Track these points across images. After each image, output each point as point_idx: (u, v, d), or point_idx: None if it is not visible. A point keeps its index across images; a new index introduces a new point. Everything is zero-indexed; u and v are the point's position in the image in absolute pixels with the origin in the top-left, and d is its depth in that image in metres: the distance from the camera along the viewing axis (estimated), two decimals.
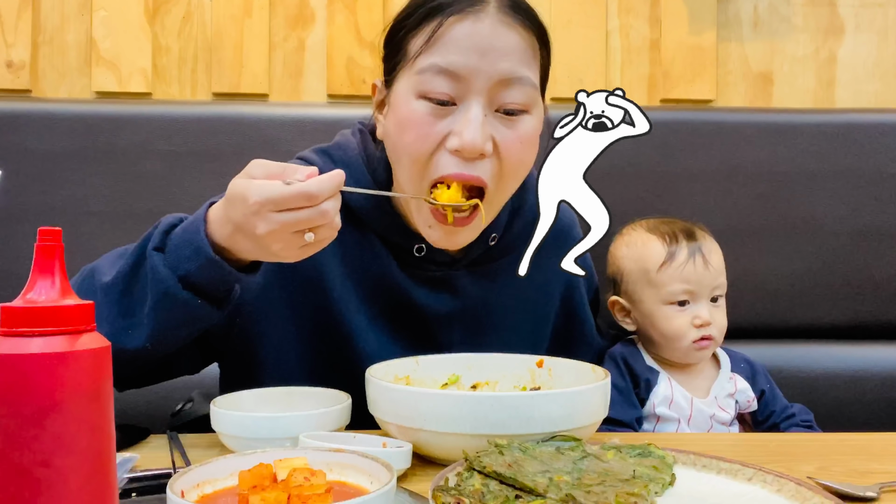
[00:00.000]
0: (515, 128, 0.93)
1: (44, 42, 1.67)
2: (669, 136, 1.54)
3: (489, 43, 0.90)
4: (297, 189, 0.77)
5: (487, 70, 0.90)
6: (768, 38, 1.78)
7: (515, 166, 0.95)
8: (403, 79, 0.95)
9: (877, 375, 1.51)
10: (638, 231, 1.25)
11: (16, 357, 0.47)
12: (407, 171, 0.95)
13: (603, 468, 0.73)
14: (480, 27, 0.90)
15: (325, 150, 1.07)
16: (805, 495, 0.67)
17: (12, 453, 0.47)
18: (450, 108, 0.92)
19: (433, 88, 0.91)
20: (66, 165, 1.45)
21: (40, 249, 0.51)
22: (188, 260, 0.84)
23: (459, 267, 1.06)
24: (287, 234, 0.79)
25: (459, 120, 0.91)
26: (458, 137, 0.90)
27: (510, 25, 0.91)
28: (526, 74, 0.92)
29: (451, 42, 0.90)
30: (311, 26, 1.71)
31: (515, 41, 0.92)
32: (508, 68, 0.91)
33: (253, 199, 0.78)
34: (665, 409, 1.17)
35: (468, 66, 0.90)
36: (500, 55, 0.90)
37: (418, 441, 0.81)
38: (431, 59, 0.91)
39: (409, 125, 0.93)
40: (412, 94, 0.93)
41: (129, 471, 0.76)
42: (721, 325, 1.19)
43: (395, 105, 0.96)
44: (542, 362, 1.00)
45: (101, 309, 0.88)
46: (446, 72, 0.90)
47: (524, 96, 0.92)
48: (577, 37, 1.74)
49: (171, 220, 0.90)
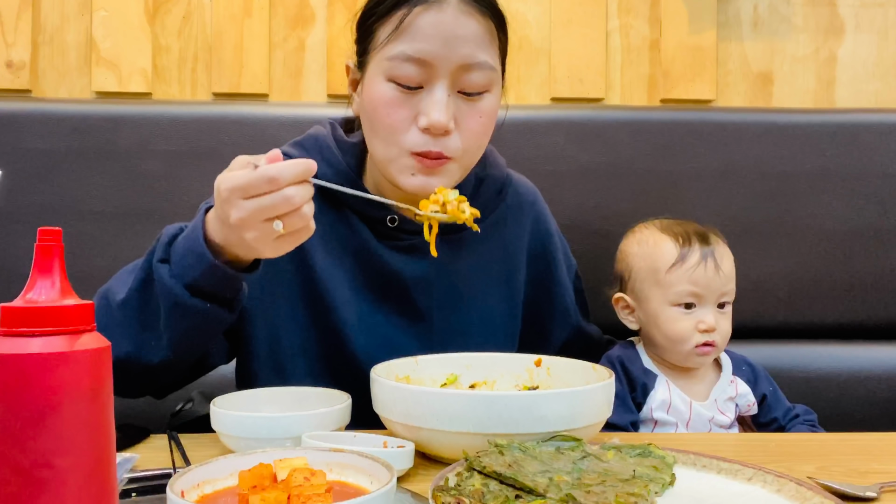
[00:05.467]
0: (476, 107, 1.03)
1: (44, 42, 1.67)
2: (669, 136, 1.54)
3: (451, 31, 0.98)
4: (258, 172, 0.80)
5: (450, 56, 0.98)
6: (768, 38, 1.78)
7: (477, 137, 1.05)
8: (374, 62, 1.02)
9: (877, 375, 1.51)
10: (650, 230, 1.25)
11: (16, 357, 0.47)
12: (383, 142, 1.03)
13: (603, 468, 0.73)
14: (443, 17, 0.98)
15: (299, 142, 1.14)
16: (805, 495, 0.67)
17: (12, 453, 0.47)
18: (417, 91, 1.00)
19: (402, 74, 0.99)
20: (66, 165, 1.45)
21: (40, 249, 0.51)
22: (192, 268, 0.88)
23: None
24: (257, 223, 0.81)
25: (427, 101, 1.00)
26: (427, 117, 0.99)
27: (469, 14, 0.99)
28: (484, 59, 1.01)
29: (417, 31, 0.98)
30: (311, 26, 1.71)
31: (475, 28, 1.00)
32: (469, 53, 0.99)
33: (223, 187, 0.82)
34: (663, 414, 1.16)
35: (433, 53, 0.98)
36: (462, 42, 0.99)
37: (424, 439, 0.81)
38: (400, 48, 0.99)
39: (381, 105, 1.01)
40: (382, 77, 1.01)
41: (129, 471, 0.76)
42: (725, 333, 1.19)
43: (368, 87, 1.03)
44: (539, 361, 1.00)
45: (120, 327, 0.92)
46: (413, 59, 0.98)
47: (483, 78, 1.01)
48: (577, 37, 1.74)
49: (173, 230, 0.94)
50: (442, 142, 1.00)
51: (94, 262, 1.42)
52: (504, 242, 1.19)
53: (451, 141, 1.01)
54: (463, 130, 1.02)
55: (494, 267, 1.17)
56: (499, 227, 1.18)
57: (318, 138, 1.13)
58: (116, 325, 0.92)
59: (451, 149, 1.01)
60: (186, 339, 0.93)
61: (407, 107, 1.01)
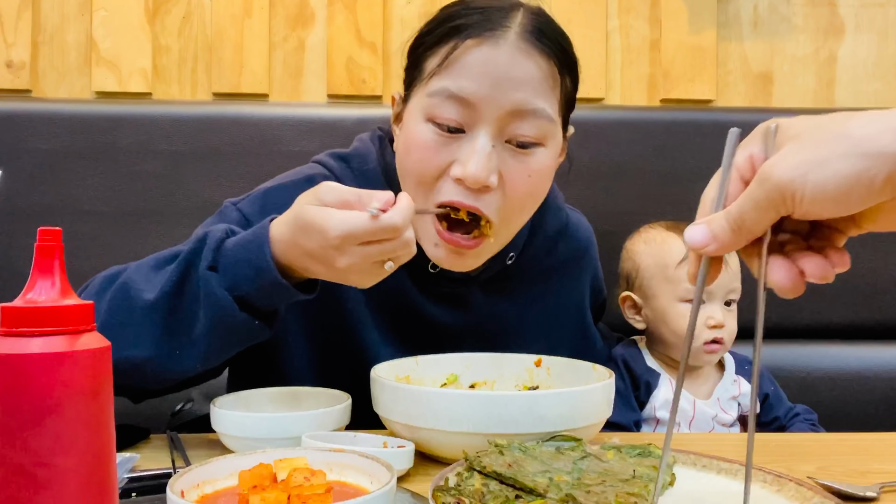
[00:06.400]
0: (526, 161, 0.90)
1: (44, 42, 1.67)
2: (669, 136, 1.54)
3: (504, 72, 0.87)
4: (384, 223, 0.73)
5: (499, 100, 0.87)
6: (768, 38, 1.78)
7: (523, 200, 0.93)
8: (416, 98, 0.93)
9: (877, 375, 1.51)
10: (657, 229, 1.25)
11: (16, 357, 0.47)
12: (411, 192, 0.90)
13: (603, 468, 0.73)
14: (497, 54, 0.87)
15: (344, 157, 1.05)
16: (805, 495, 0.67)
17: (12, 453, 0.47)
18: (458, 135, 0.89)
19: (441, 113, 0.88)
20: (66, 165, 1.45)
21: (40, 249, 0.51)
22: (248, 281, 0.80)
23: (473, 284, 1.05)
24: (368, 265, 0.76)
25: (465, 149, 0.88)
26: (462, 167, 0.87)
27: (529, 54, 0.88)
28: (540, 106, 0.89)
29: (464, 67, 0.87)
30: (311, 26, 1.71)
31: (533, 71, 0.88)
32: (522, 99, 0.87)
33: (334, 234, 0.74)
34: (665, 413, 1.17)
35: (479, 94, 0.87)
36: (515, 85, 0.87)
37: (424, 440, 0.81)
38: (443, 83, 0.88)
39: (414, 148, 0.91)
40: (421, 115, 0.90)
41: (129, 471, 0.76)
42: (732, 330, 1.19)
43: (406, 124, 0.94)
44: (539, 361, 1.00)
45: (142, 329, 0.83)
46: (456, 97, 0.87)
47: (537, 129, 0.89)
48: (577, 37, 1.72)
49: (219, 234, 0.85)
50: (479, 199, 0.88)
51: (94, 262, 1.41)
52: (554, 294, 1.11)
53: (490, 199, 0.89)
54: (507, 189, 0.89)
55: (542, 319, 1.10)
56: (549, 277, 1.10)
57: (365, 158, 1.03)
58: (137, 325, 0.83)
59: (488, 208, 0.89)
60: (221, 352, 0.86)
61: (443, 153, 0.89)
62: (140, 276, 0.87)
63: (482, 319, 1.06)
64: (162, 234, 1.44)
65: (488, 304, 1.05)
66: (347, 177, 1.03)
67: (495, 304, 1.06)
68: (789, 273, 0.54)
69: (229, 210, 1.00)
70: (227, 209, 1.01)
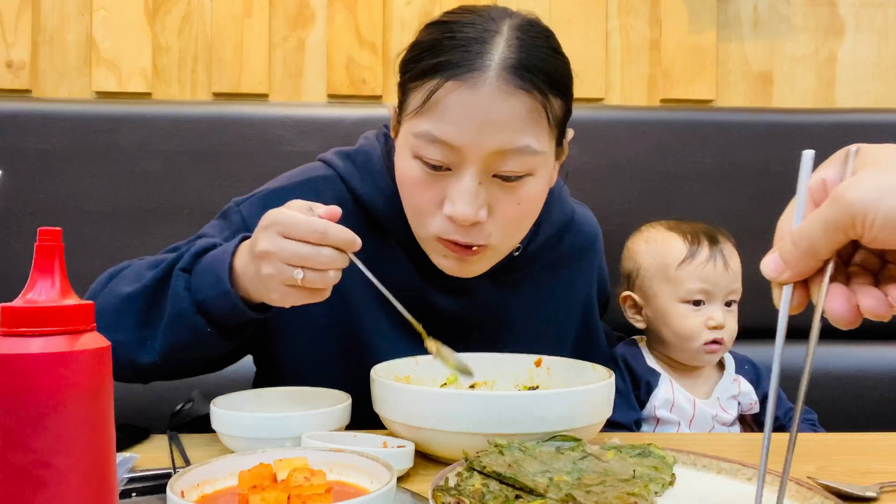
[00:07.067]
0: (515, 191, 0.91)
1: (44, 42, 1.67)
2: (669, 136, 1.54)
3: (484, 116, 0.86)
4: (310, 220, 0.77)
5: (482, 143, 0.87)
6: (768, 38, 1.78)
7: (517, 223, 0.95)
8: (404, 128, 0.94)
9: (877, 375, 1.51)
10: (658, 229, 1.25)
11: (16, 357, 0.47)
12: (412, 219, 0.97)
13: (603, 468, 0.73)
14: (476, 98, 0.86)
15: (349, 155, 1.06)
16: (805, 495, 0.67)
17: (12, 453, 0.47)
18: (446, 172, 0.90)
19: (427, 154, 0.89)
20: (65, 165, 1.45)
21: (40, 249, 0.51)
22: (209, 287, 0.86)
23: (481, 276, 1.04)
24: (280, 262, 0.78)
25: (454, 187, 0.89)
26: (452, 206, 0.89)
27: (510, 93, 0.87)
28: (525, 143, 0.88)
29: (446, 111, 0.87)
30: (311, 26, 1.71)
31: (515, 110, 0.87)
32: (504, 141, 0.87)
33: (268, 218, 0.79)
34: (665, 412, 1.17)
35: (461, 140, 0.87)
36: (496, 128, 0.87)
37: (424, 439, 0.81)
38: (425, 126, 0.89)
39: (406, 183, 0.94)
40: (409, 152, 0.92)
41: (129, 471, 0.76)
42: (732, 331, 1.19)
43: (399, 152, 0.95)
44: (539, 361, 1.00)
45: (120, 317, 0.90)
46: (439, 141, 0.88)
47: (521, 164, 0.89)
48: (577, 37, 1.74)
49: (205, 243, 0.91)
50: (471, 233, 0.91)
51: (94, 262, 1.41)
52: (559, 286, 1.12)
53: (484, 230, 0.92)
54: (497, 218, 0.92)
55: (547, 309, 1.11)
56: (555, 269, 1.12)
57: (370, 156, 1.04)
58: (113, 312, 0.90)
59: (483, 238, 0.92)
60: (178, 353, 0.90)
61: (434, 188, 0.91)
62: (132, 272, 0.95)
63: (489, 310, 1.07)
64: (162, 234, 1.44)
65: (495, 295, 1.06)
66: (352, 175, 1.04)
67: (502, 295, 1.07)
68: (846, 304, 0.52)
69: (233, 212, 1.03)
70: (230, 210, 1.03)
